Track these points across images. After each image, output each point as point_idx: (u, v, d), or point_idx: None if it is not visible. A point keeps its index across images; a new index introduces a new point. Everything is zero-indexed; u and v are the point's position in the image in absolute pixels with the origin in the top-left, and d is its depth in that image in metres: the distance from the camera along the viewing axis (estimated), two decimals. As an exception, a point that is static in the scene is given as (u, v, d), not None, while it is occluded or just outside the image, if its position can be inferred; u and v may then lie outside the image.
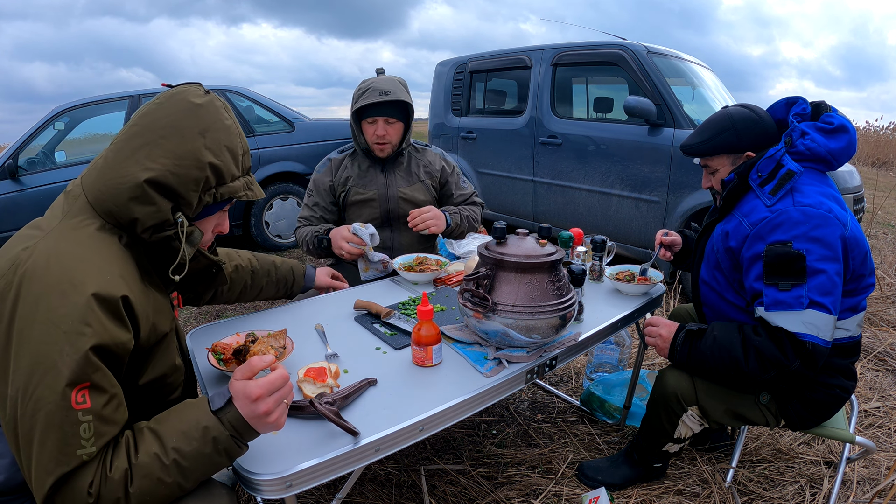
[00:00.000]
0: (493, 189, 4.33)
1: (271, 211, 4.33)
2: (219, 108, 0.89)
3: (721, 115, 1.35)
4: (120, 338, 0.76)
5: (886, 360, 2.41)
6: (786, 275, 1.15)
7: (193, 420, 0.77)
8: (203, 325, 1.36)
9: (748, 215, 1.25)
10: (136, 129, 0.84)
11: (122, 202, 0.81)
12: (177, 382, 0.96)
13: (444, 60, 4.80)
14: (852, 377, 1.32)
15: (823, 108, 1.29)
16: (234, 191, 0.91)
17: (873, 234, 4.71)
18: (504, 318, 1.12)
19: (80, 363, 0.71)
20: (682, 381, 1.35)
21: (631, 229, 3.33)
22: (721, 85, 3.86)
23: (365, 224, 1.74)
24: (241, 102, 4.32)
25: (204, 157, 0.85)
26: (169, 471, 0.75)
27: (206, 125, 0.86)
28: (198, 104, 0.86)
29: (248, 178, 0.95)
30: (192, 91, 0.88)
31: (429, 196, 1.97)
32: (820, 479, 1.64)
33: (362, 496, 1.56)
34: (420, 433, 0.97)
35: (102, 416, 0.73)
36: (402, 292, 1.61)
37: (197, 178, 0.85)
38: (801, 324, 1.14)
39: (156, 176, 0.81)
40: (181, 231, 0.85)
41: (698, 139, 1.36)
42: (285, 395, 0.81)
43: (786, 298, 1.15)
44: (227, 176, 0.89)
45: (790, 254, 1.15)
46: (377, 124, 1.83)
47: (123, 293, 0.78)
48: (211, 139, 0.86)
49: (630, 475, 1.58)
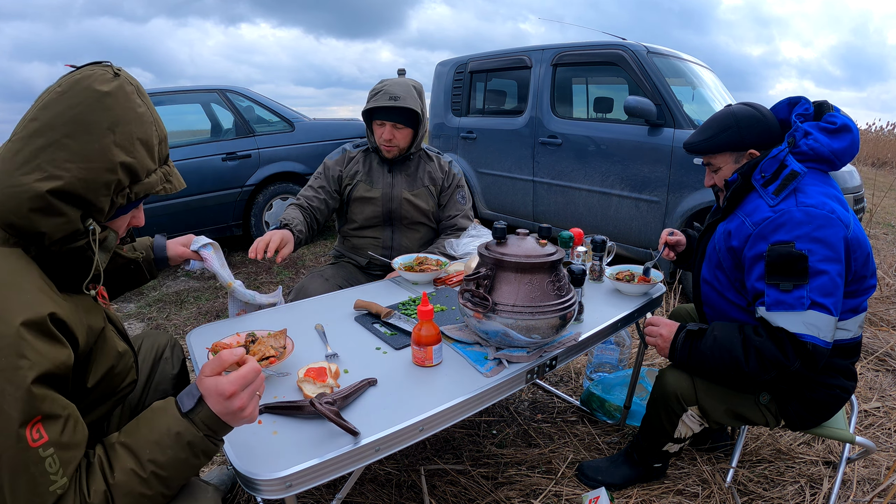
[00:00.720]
0: (493, 189, 4.33)
1: (271, 211, 4.33)
2: (129, 93, 0.79)
3: (724, 113, 1.35)
4: (59, 358, 0.71)
5: (886, 360, 2.41)
6: (787, 275, 1.15)
7: (164, 428, 0.75)
8: (203, 325, 1.36)
9: (751, 215, 1.25)
10: (35, 126, 0.74)
11: (23, 214, 0.72)
12: (126, 368, 0.92)
13: (444, 60, 4.80)
14: (852, 377, 1.32)
15: (826, 107, 1.29)
16: (151, 187, 0.83)
17: (873, 234, 4.71)
18: (504, 318, 1.12)
19: (25, 399, 0.66)
20: (682, 381, 1.35)
21: (631, 229, 3.33)
22: (721, 85, 3.86)
23: (203, 241, 1.39)
24: (241, 102, 4.32)
25: (115, 156, 0.75)
26: (149, 484, 0.73)
27: (115, 118, 0.76)
28: (105, 92, 0.75)
29: (166, 169, 0.87)
30: (99, 76, 0.76)
31: (431, 203, 1.98)
32: (820, 479, 1.64)
33: (362, 496, 1.56)
34: (420, 433, 0.97)
35: (62, 443, 0.69)
36: (402, 292, 1.61)
37: (108, 182, 0.76)
38: (802, 324, 1.14)
39: (61, 185, 0.72)
40: (94, 240, 0.77)
41: (701, 137, 1.36)
42: (258, 387, 0.80)
43: (787, 299, 1.15)
44: (141, 173, 0.80)
45: (792, 254, 1.15)
46: (385, 128, 1.85)
47: (50, 310, 0.71)
48: (122, 134, 0.76)
49: (630, 475, 1.58)
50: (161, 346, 1.28)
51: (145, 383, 1.23)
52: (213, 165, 4.00)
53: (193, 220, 4.00)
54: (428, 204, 1.97)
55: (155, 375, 1.24)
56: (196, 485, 0.85)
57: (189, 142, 4.09)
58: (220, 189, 4.04)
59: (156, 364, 1.25)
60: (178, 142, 4.10)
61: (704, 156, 1.39)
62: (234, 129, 4.26)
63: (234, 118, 4.26)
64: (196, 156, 3.96)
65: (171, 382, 1.25)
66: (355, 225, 1.97)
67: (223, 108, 4.35)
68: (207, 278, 3.81)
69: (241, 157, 4.11)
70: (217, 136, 4.37)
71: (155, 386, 1.23)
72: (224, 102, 4.28)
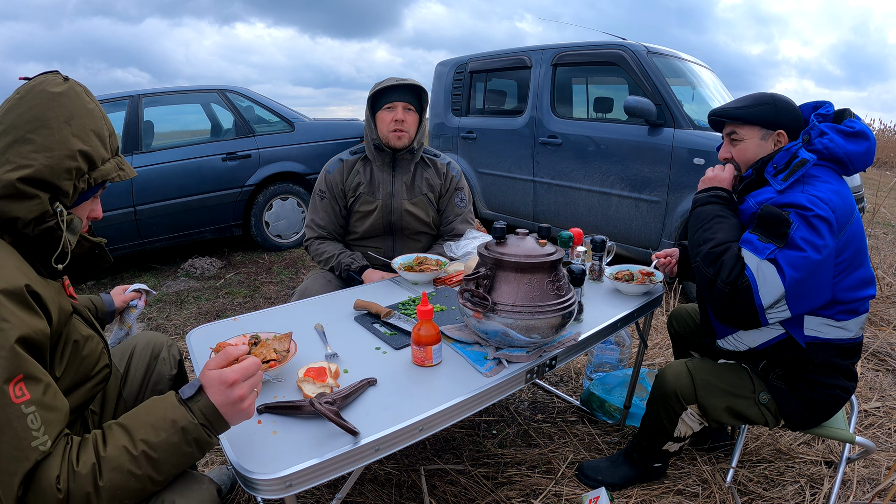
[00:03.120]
0: (493, 189, 4.33)
1: (271, 211, 4.33)
2: (79, 93, 0.89)
3: (762, 92, 1.37)
4: (38, 325, 0.77)
5: (886, 360, 2.41)
6: (768, 232, 1.19)
7: (161, 412, 0.78)
8: (203, 325, 1.37)
9: (756, 196, 1.29)
10: (1, 129, 0.83)
11: None
12: (95, 351, 0.96)
13: (444, 60, 4.81)
14: (853, 378, 1.32)
15: (847, 114, 1.31)
16: (107, 173, 0.91)
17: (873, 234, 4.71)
18: (504, 318, 1.12)
19: (9, 358, 0.71)
20: (681, 380, 1.35)
21: (631, 229, 3.33)
22: (721, 85, 3.86)
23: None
24: (242, 102, 4.32)
25: (73, 145, 0.85)
26: (138, 462, 0.75)
27: (70, 112, 0.86)
28: (58, 93, 0.85)
29: (118, 159, 0.95)
30: (51, 80, 0.87)
31: (431, 211, 1.96)
32: (820, 479, 1.64)
33: (362, 496, 1.56)
34: (420, 433, 0.97)
35: (44, 403, 0.73)
36: (402, 292, 1.61)
37: (69, 168, 0.84)
38: (756, 265, 1.18)
39: (30, 173, 0.81)
40: (62, 220, 0.85)
41: (737, 104, 1.36)
42: (257, 382, 0.84)
43: (756, 242, 1.20)
44: (97, 160, 0.89)
45: (780, 216, 1.18)
46: (396, 110, 1.80)
47: (26, 282, 0.78)
48: (77, 126, 0.86)
49: (630, 475, 1.58)
50: (157, 346, 1.28)
51: (141, 382, 1.23)
52: (213, 165, 4.01)
53: (193, 221, 4.00)
54: (428, 214, 1.95)
55: (152, 375, 1.24)
56: (191, 475, 0.86)
57: (189, 142, 4.10)
58: (220, 189, 4.04)
59: (152, 363, 1.25)
60: (179, 142, 4.11)
61: (734, 123, 1.38)
62: (234, 129, 4.26)
63: (235, 118, 4.26)
64: (196, 156, 3.96)
65: (168, 383, 1.25)
66: (356, 235, 1.95)
67: (223, 108, 4.36)
68: (207, 278, 3.82)
69: (242, 157, 4.11)
70: (217, 136, 4.37)
71: (152, 386, 1.23)
72: (224, 102, 4.28)
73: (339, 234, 1.95)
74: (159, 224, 3.84)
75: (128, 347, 1.26)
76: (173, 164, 3.86)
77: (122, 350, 1.26)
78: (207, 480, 0.88)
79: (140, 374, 1.23)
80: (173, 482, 0.82)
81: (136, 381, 1.23)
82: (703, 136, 2.96)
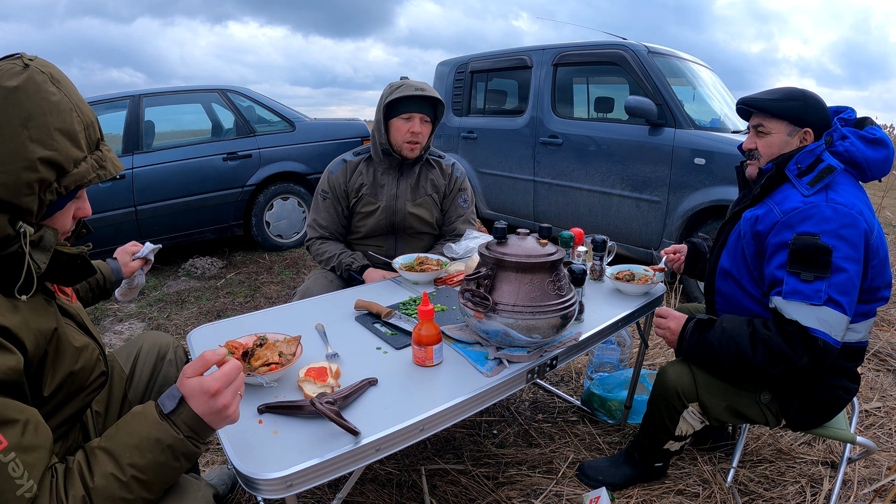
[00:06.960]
0: (493, 189, 4.33)
1: (272, 211, 4.33)
2: (41, 83, 0.73)
3: (793, 87, 1.35)
4: (7, 364, 0.70)
5: (887, 360, 2.41)
6: (810, 266, 1.16)
7: (144, 431, 0.74)
8: (204, 325, 1.37)
9: (780, 203, 1.25)
10: None
11: None
12: (90, 362, 0.89)
13: (444, 60, 4.81)
14: (855, 380, 1.32)
15: (868, 121, 1.31)
16: (82, 177, 0.77)
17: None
18: (505, 318, 1.12)
19: None
20: (682, 378, 1.35)
21: (632, 229, 3.33)
22: (722, 84, 3.85)
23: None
24: (242, 102, 4.33)
25: (32, 153, 0.71)
26: (129, 487, 0.72)
27: (27, 112, 0.71)
28: (13, 88, 0.71)
29: (98, 155, 0.80)
30: (5, 71, 0.72)
31: (435, 212, 1.96)
32: (821, 480, 1.64)
33: (363, 496, 1.56)
34: (421, 433, 0.97)
35: (23, 446, 0.67)
36: (402, 292, 1.61)
37: (29, 181, 0.71)
38: (816, 319, 1.15)
39: None
40: (25, 243, 0.73)
41: (767, 96, 1.34)
42: (239, 386, 0.80)
43: (805, 290, 1.16)
44: (67, 164, 0.75)
45: (818, 246, 1.15)
46: (413, 121, 1.79)
47: None
48: (37, 128, 0.71)
49: (631, 475, 1.58)
50: (163, 347, 1.26)
51: (147, 383, 1.21)
52: (213, 165, 4.01)
53: (194, 220, 4.01)
54: (431, 215, 1.95)
55: (158, 377, 1.22)
56: (186, 482, 0.84)
57: (190, 142, 4.10)
58: (220, 189, 4.05)
59: (158, 364, 1.23)
60: (179, 142, 4.11)
61: (762, 115, 1.35)
62: (234, 128, 4.26)
63: (235, 118, 4.26)
64: (197, 156, 3.96)
65: None
66: (359, 235, 1.95)
67: (224, 108, 4.36)
68: (208, 278, 3.82)
69: (242, 157, 4.11)
70: (218, 136, 4.37)
71: (158, 388, 1.21)
72: (225, 102, 4.28)
73: (340, 234, 1.95)
74: (160, 224, 3.84)
75: (133, 348, 1.24)
76: (174, 164, 3.86)
77: (127, 350, 1.24)
78: (203, 485, 0.86)
79: (146, 376, 1.22)
80: (167, 491, 0.79)
81: (142, 383, 1.21)
82: (703, 136, 2.96)
